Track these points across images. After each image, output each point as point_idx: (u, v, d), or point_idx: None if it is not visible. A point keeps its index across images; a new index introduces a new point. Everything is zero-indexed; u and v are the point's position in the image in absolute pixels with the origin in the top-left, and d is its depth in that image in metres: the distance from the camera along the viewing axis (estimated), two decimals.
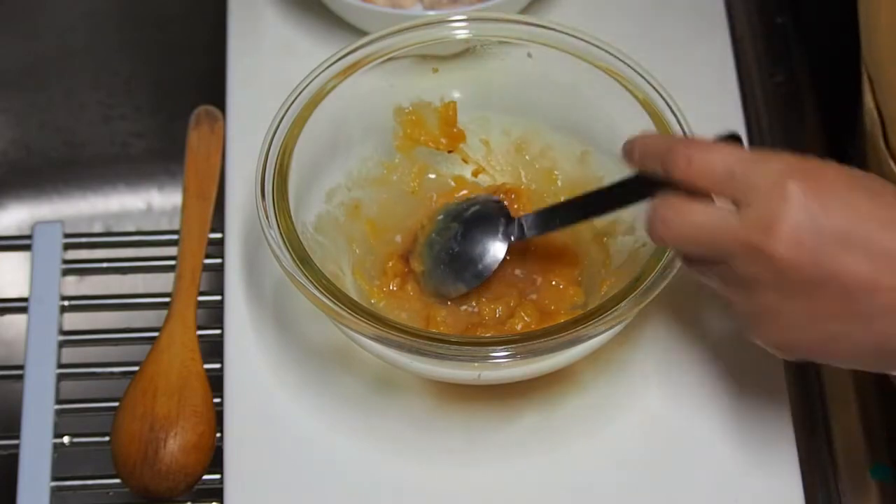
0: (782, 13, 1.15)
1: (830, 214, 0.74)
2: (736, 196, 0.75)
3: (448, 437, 0.92)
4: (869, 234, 0.74)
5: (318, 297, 0.85)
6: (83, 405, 0.97)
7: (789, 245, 0.74)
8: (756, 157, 0.76)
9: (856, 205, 0.74)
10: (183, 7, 1.26)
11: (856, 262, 0.74)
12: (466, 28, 0.95)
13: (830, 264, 0.74)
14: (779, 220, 0.74)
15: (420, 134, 0.97)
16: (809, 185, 0.74)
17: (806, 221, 0.74)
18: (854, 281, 0.74)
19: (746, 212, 0.75)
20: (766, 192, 0.74)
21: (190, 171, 1.04)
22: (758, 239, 0.74)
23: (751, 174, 0.75)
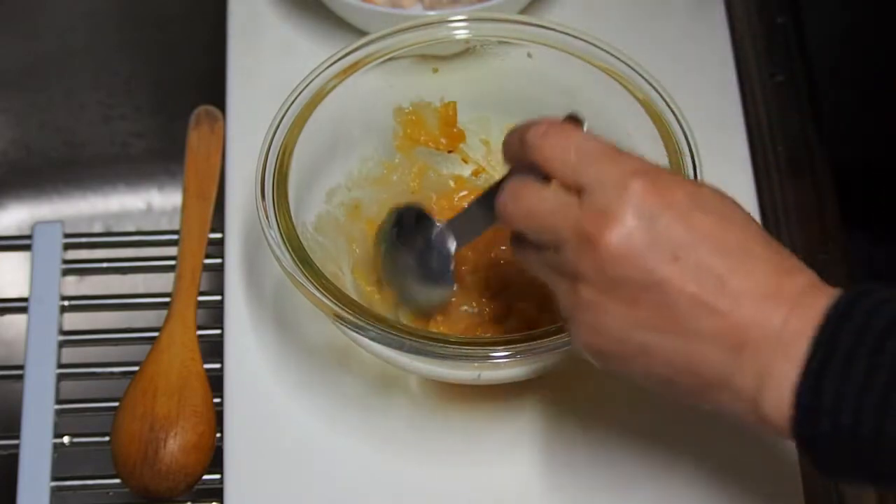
0: (782, 13, 1.15)
1: (668, 224, 0.73)
2: (581, 184, 0.75)
3: (448, 438, 0.92)
4: (703, 254, 0.73)
5: (318, 297, 0.85)
6: (83, 405, 0.97)
7: (620, 241, 0.73)
8: (609, 151, 0.75)
9: (696, 223, 0.73)
10: (183, 7, 1.26)
11: (684, 277, 0.72)
12: (466, 28, 0.95)
13: (658, 271, 0.73)
14: (615, 215, 0.73)
15: (420, 134, 0.97)
16: (654, 190, 0.73)
17: (641, 223, 0.73)
18: (679, 296, 0.72)
19: (587, 200, 0.74)
20: (610, 186, 0.74)
21: (190, 171, 1.04)
22: (591, 228, 0.73)
23: (601, 165, 0.75)
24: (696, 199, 0.74)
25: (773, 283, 0.73)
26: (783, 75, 1.13)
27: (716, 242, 0.73)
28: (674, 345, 0.73)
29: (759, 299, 0.72)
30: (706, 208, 0.74)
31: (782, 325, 0.72)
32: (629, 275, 0.73)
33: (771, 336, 0.72)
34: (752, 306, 0.72)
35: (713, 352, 0.73)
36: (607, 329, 0.75)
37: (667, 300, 0.73)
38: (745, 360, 0.72)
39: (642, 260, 0.73)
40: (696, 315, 0.73)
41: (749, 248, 0.74)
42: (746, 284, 0.72)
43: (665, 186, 0.74)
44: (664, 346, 0.74)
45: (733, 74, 1.07)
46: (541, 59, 0.95)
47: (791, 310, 0.72)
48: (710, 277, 0.72)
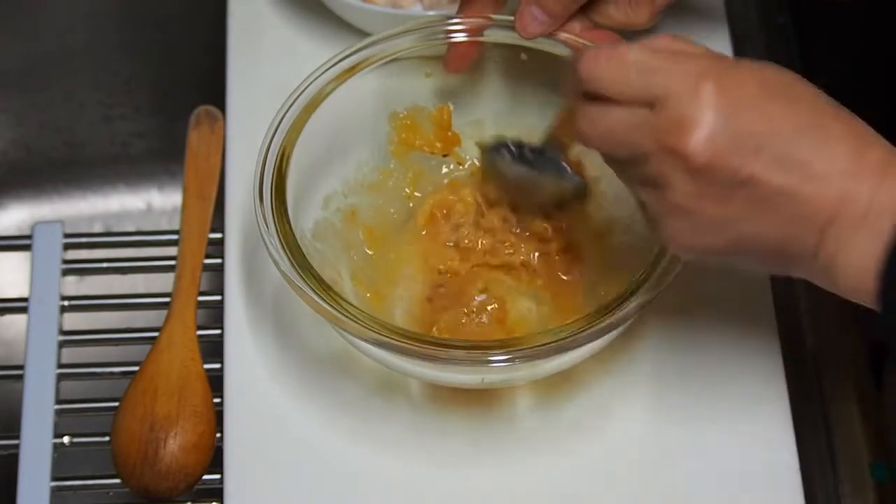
0: (782, 13, 1.15)
1: (745, 119, 0.74)
2: (650, 96, 0.75)
3: (448, 438, 0.92)
4: (783, 142, 0.74)
5: (318, 302, 0.85)
6: (83, 405, 0.97)
7: (703, 147, 0.74)
8: (670, 57, 0.76)
9: (771, 111, 0.74)
10: (183, 7, 1.26)
11: (770, 168, 0.74)
12: (464, 31, 0.95)
13: (744, 168, 0.74)
14: (693, 121, 0.74)
15: (415, 139, 0.97)
16: (725, 87, 0.74)
17: (720, 124, 0.74)
18: (768, 187, 0.74)
19: (661, 112, 0.75)
20: (680, 93, 0.74)
21: (190, 171, 1.04)
22: (672, 139, 0.74)
23: (665, 74, 0.75)
24: (766, 86, 0.75)
25: (855, 159, 0.74)
26: None
27: (793, 127, 0.74)
28: (766, 232, 0.75)
29: (843, 178, 0.74)
30: (776, 93, 0.75)
31: (868, 202, 0.73)
32: (717, 177, 0.74)
33: (858, 213, 0.74)
34: (838, 187, 0.74)
35: (803, 233, 0.75)
36: (700, 229, 0.76)
37: (756, 193, 0.74)
38: (831, 235, 0.74)
39: (727, 160, 0.74)
40: (785, 203, 0.74)
41: (825, 125, 0.75)
42: (829, 165, 0.74)
43: (734, 81, 0.75)
44: (757, 235, 0.76)
45: None
46: (535, 61, 0.95)
47: (877, 184, 0.73)
48: (794, 164, 0.74)
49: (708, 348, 0.94)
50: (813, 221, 0.74)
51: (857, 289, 0.75)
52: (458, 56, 0.95)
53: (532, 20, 0.92)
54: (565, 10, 0.92)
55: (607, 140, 0.78)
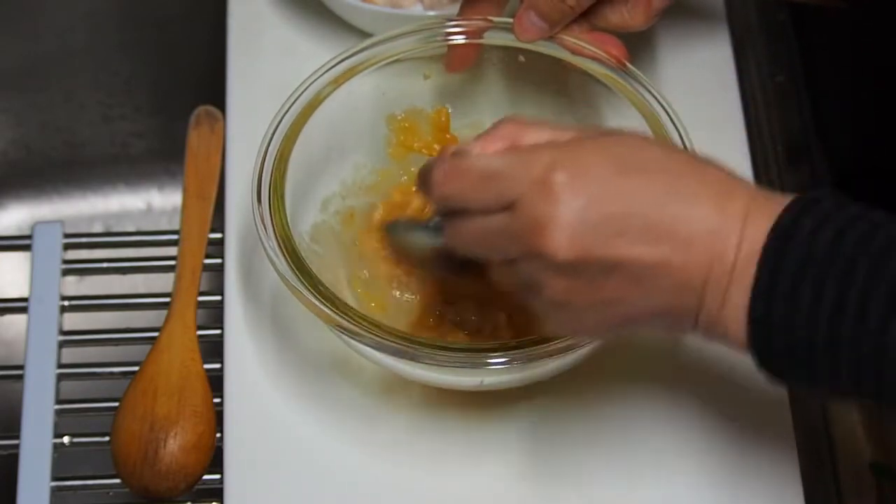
0: (782, 13, 1.15)
1: (601, 205, 0.73)
2: (504, 202, 0.75)
3: (448, 438, 0.92)
4: (643, 218, 0.73)
5: (317, 305, 0.85)
6: (83, 405, 0.97)
7: (565, 244, 0.73)
8: (514, 156, 0.76)
9: (624, 189, 0.74)
10: (183, 7, 1.25)
11: (635, 247, 0.73)
12: (464, 33, 0.95)
13: (610, 254, 0.74)
14: (549, 220, 0.73)
15: (413, 141, 0.96)
16: (573, 177, 0.74)
17: (577, 217, 0.73)
18: (638, 266, 0.74)
19: (518, 216, 0.75)
20: (532, 194, 0.74)
21: (190, 171, 1.04)
22: (533, 242, 0.74)
23: (513, 177, 0.75)
24: (615, 163, 0.74)
25: (717, 214, 0.74)
26: (783, 75, 1.13)
27: (650, 200, 0.74)
28: (648, 306, 0.75)
29: (708, 238, 0.73)
30: (627, 167, 0.74)
31: (734, 256, 0.73)
32: (586, 268, 0.74)
33: (727, 269, 0.73)
34: (705, 247, 0.73)
35: (683, 299, 0.75)
36: (582, 317, 0.77)
37: (628, 274, 0.74)
38: (709, 296, 0.74)
39: (592, 251, 0.74)
40: (658, 276, 0.74)
41: (680, 189, 0.74)
42: (693, 228, 0.73)
43: (581, 167, 0.74)
44: (639, 311, 0.76)
45: (733, 74, 1.06)
46: (533, 63, 0.95)
47: (740, 234, 0.73)
48: (659, 237, 0.73)
49: (707, 349, 0.94)
50: (689, 286, 0.74)
51: (736, 342, 0.75)
52: (458, 57, 0.95)
53: (530, 25, 0.92)
54: (563, 17, 0.92)
55: (475, 248, 0.78)
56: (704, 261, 0.73)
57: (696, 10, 1.10)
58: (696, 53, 1.08)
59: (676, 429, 0.92)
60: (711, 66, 1.07)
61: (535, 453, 0.92)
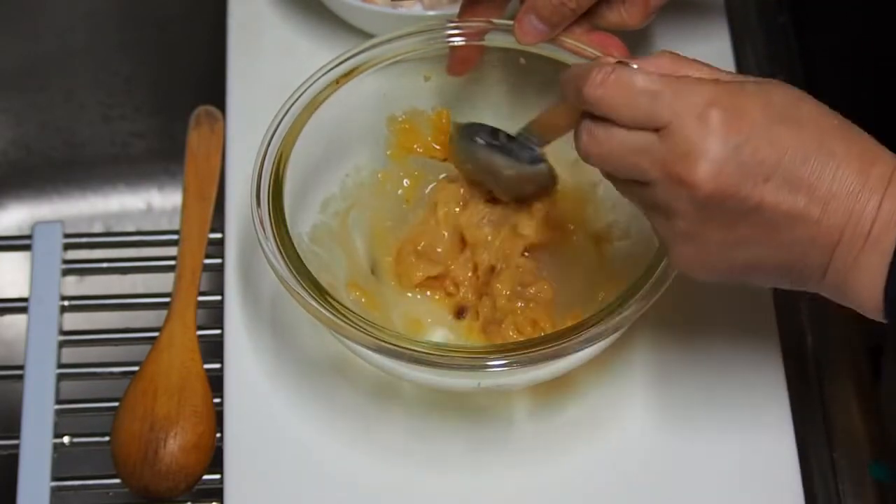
0: (782, 13, 1.15)
1: (752, 147, 0.74)
2: (657, 122, 0.75)
3: (444, 441, 0.92)
4: (790, 168, 0.74)
5: (315, 307, 0.85)
6: (83, 405, 0.97)
7: (710, 177, 0.74)
8: (676, 83, 0.76)
9: (777, 137, 0.74)
10: (183, 7, 1.26)
11: (777, 194, 0.74)
12: (465, 35, 0.95)
13: (753, 196, 0.74)
14: (700, 151, 0.74)
15: (413, 142, 0.96)
16: (731, 115, 0.74)
17: (727, 154, 0.74)
18: (776, 212, 0.74)
19: (668, 139, 0.75)
20: (687, 122, 0.74)
21: (190, 171, 1.04)
22: (679, 168, 0.75)
23: (672, 101, 0.75)
24: (772, 111, 0.75)
25: (860, 177, 0.75)
26: (783, 75, 1.13)
27: (799, 152, 0.74)
28: (774, 254, 0.76)
29: (848, 199, 0.74)
30: (782, 117, 0.75)
31: (873, 220, 0.74)
32: (725, 206, 0.75)
33: (863, 232, 0.74)
34: (843, 207, 0.74)
35: (810, 254, 0.76)
36: (708, 253, 0.77)
37: (764, 219, 0.75)
38: (839, 255, 0.75)
39: (735, 189, 0.74)
40: (792, 226, 0.75)
41: (830, 147, 0.75)
42: (835, 187, 0.74)
43: (741, 108, 0.75)
44: (765, 257, 0.76)
45: None
46: (533, 65, 0.95)
47: (880, 199, 0.74)
48: (801, 188, 0.74)
49: (707, 349, 0.94)
50: (821, 243, 0.75)
51: (867, 307, 0.76)
52: (460, 60, 0.95)
53: (531, 28, 0.92)
54: (563, 20, 0.92)
55: (610, 162, 0.78)
56: (840, 220, 0.74)
57: (695, 10, 1.10)
58: (696, 53, 1.06)
59: (675, 429, 0.92)
60: None
61: (532, 455, 0.92)
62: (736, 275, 0.79)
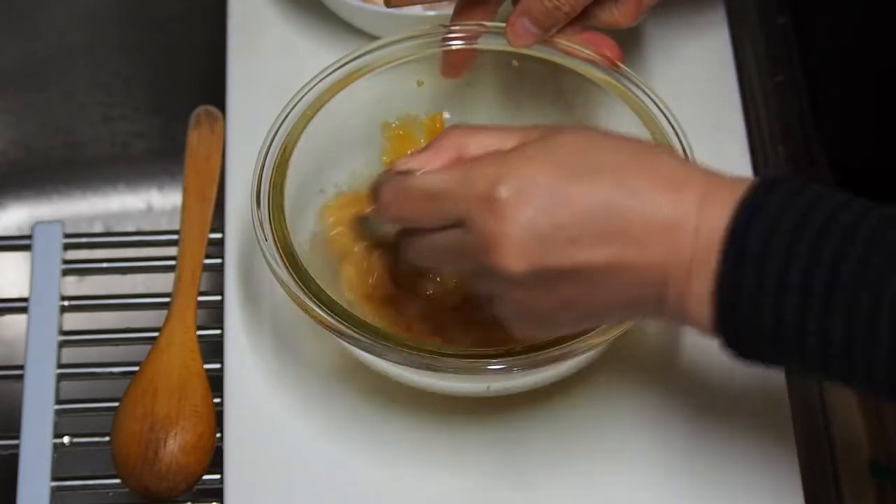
0: (782, 13, 1.15)
1: (548, 215, 0.73)
2: (454, 218, 0.75)
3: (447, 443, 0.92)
4: (594, 222, 0.73)
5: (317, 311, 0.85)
6: (83, 405, 0.97)
7: (517, 258, 0.74)
8: (460, 172, 0.75)
9: (572, 196, 0.73)
10: (183, 7, 1.26)
11: (591, 250, 0.73)
12: (457, 39, 0.95)
13: (564, 261, 0.74)
14: (499, 237, 0.74)
15: (408, 148, 0.96)
16: (519, 190, 0.73)
17: (525, 230, 0.73)
18: (595, 267, 0.74)
19: (470, 233, 0.75)
20: (479, 210, 0.74)
21: (190, 172, 1.04)
22: (486, 259, 0.74)
23: (460, 193, 0.75)
24: (561, 169, 0.74)
25: (670, 207, 0.73)
26: (783, 75, 1.13)
27: (599, 203, 0.73)
28: (607, 301, 0.75)
29: (663, 233, 0.73)
30: (573, 172, 0.74)
31: (693, 247, 0.73)
32: (541, 278, 0.74)
33: (685, 261, 0.73)
34: (660, 242, 0.73)
35: (643, 293, 0.75)
36: (543, 320, 0.78)
37: (584, 277, 0.74)
38: (670, 287, 0.74)
39: (546, 261, 0.74)
40: (613, 275, 0.74)
41: (630, 186, 0.73)
42: (646, 225, 0.73)
43: (526, 177, 0.74)
44: (599, 306, 0.76)
45: (733, 74, 1.06)
46: (526, 67, 0.95)
47: (696, 225, 0.73)
48: (611, 238, 0.73)
49: (707, 349, 0.94)
50: (649, 281, 0.74)
51: (708, 332, 0.75)
52: (454, 62, 0.95)
53: (524, 31, 0.92)
54: (556, 22, 0.91)
55: (431, 263, 0.80)
56: (661, 255, 0.73)
57: (695, 10, 1.10)
58: (696, 53, 1.08)
59: (676, 429, 0.92)
60: (711, 67, 1.07)
61: (537, 458, 0.91)
62: (578, 327, 0.80)
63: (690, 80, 1.05)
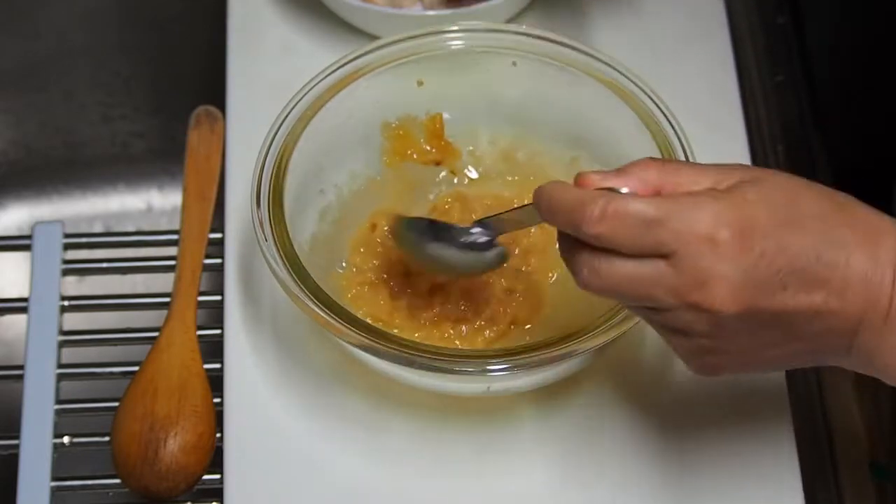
0: (782, 13, 1.15)
1: (767, 260, 0.73)
2: (663, 249, 0.73)
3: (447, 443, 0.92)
4: (806, 268, 0.73)
5: (317, 312, 0.85)
6: (83, 405, 0.97)
7: (730, 300, 0.73)
8: (678, 204, 0.74)
9: (786, 242, 0.73)
10: (183, 7, 1.26)
11: (798, 297, 0.74)
12: (461, 39, 0.95)
13: (774, 306, 0.74)
14: (716, 277, 0.73)
15: (407, 148, 0.96)
16: (741, 233, 0.73)
17: (743, 274, 0.73)
18: (798, 314, 0.74)
19: (679, 267, 0.73)
20: (697, 247, 0.73)
21: (190, 172, 1.04)
22: (696, 297, 0.73)
23: (677, 226, 0.73)
24: (776, 215, 0.74)
25: (870, 260, 0.74)
26: (783, 75, 1.13)
27: (811, 251, 0.74)
28: (799, 348, 0.76)
29: (862, 284, 0.74)
30: (788, 219, 0.74)
31: (890, 298, 0.74)
32: (745, 321, 0.74)
33: (882, 312, 0.74)
34: (860, 293, 0.74)
35: (834, 341, 0.75)
36: (731, 362, 0.77)
37: (784, 322, 0.74)
38: (862, 337, 0.75)
39: (756, 305, 0.73)
40: (812, 321, 0.74)
41: (836, 237, 0.74)
42: (848, 275, 0.74)
43: (747, 222, 0.73)
44: (789, 352, 0.76)
45: (733, 74, 1.07)
46: (526, 67, 0.95)
47: (893, 277, 0.74)
48: (817, 285, 0.74)
49: None
50: (843, 331, 0.75)
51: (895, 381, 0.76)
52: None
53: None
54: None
55: (618, 294, 0.75)
56: (859, 305, 0.74)
57: (695, 11, 1.10)
58: (696, 53, 1.08)
59: (676, 429, 0.92)
60: (711, 66, 1.07)
61: (537, 457, 0.91)
62: (758, 371, 0.79)
63: (690, 80, 1.05)
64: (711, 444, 0.91)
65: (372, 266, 0.94)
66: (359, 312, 0.90)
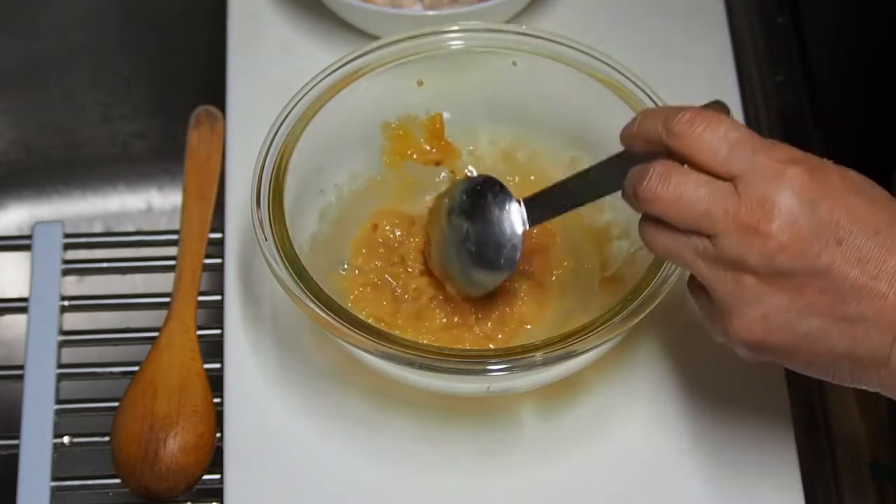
0: (782, 13, 1.15)
1: (829, 206, 0.73)
2: (734, 168, 0.74)
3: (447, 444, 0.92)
4: (862, 237, 0.73)
5: (317, 312, 0.85)
6: (83, 405, 0.97)
7: (785, 229, 0.73)
8: (760, 140, 0.75)
9: (854, 205, 0.74)
10: (183, 7, 1.26)
11: (847, 261, 0.73)
12: (461, 39, 0.95)
13: (823, 257, 0.73)
14: (776, 201, 0.73)
15: (407, 148, 0.96)
16: (811, 176, 0.74)
17: (804, 207, 0.73)
18: (845, 281, 0.73)
19: (744, 188, 0.74)
20: (765, 172, 0.74)
21: (190, 172, 1.04)
22: (753, 219, 0.73)
23: (754, 151, 0.74)
24: (849, 181, 0.75)
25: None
26: (783, 75, 1.13)
27: (871, 224, 0.74)
28: (837, 329, 0.74)
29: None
30: (858, 190, 0.75)
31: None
32: (794, 262, 0.74)
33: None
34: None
35: (873, 334, 0.74)
36: (772, 318, 0.75)
37: (831, 285, 0.74)
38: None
39: (807, 245, 0.73)
40: (858, 297, 0.74)
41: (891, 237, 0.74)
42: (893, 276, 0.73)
43: (820, 171, 0.74)
44: (828, 332, 0.75)
45: (733, 74, 1.07)
46: (526, 68, 0.95)
47: None
48: (870, 260, 0.73)
49: (708, 350, 0.94)
50: (884, 321, 0.74)
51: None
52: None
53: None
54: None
55: (679, 207, 0.75)
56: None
57: (695, 11, 1.10)
58: (696, 53, 1.08)
59: (676, 429, 0.92)
60: (711, 66, 1.07)
61: (538, 459, 0.92)
62: (794, 351, 0.76)
63: (690, 80, 1.05)
64: (711, 443, 0.91)
65: (374, 267, 0.94)
66: (362, 314, 0.90)
